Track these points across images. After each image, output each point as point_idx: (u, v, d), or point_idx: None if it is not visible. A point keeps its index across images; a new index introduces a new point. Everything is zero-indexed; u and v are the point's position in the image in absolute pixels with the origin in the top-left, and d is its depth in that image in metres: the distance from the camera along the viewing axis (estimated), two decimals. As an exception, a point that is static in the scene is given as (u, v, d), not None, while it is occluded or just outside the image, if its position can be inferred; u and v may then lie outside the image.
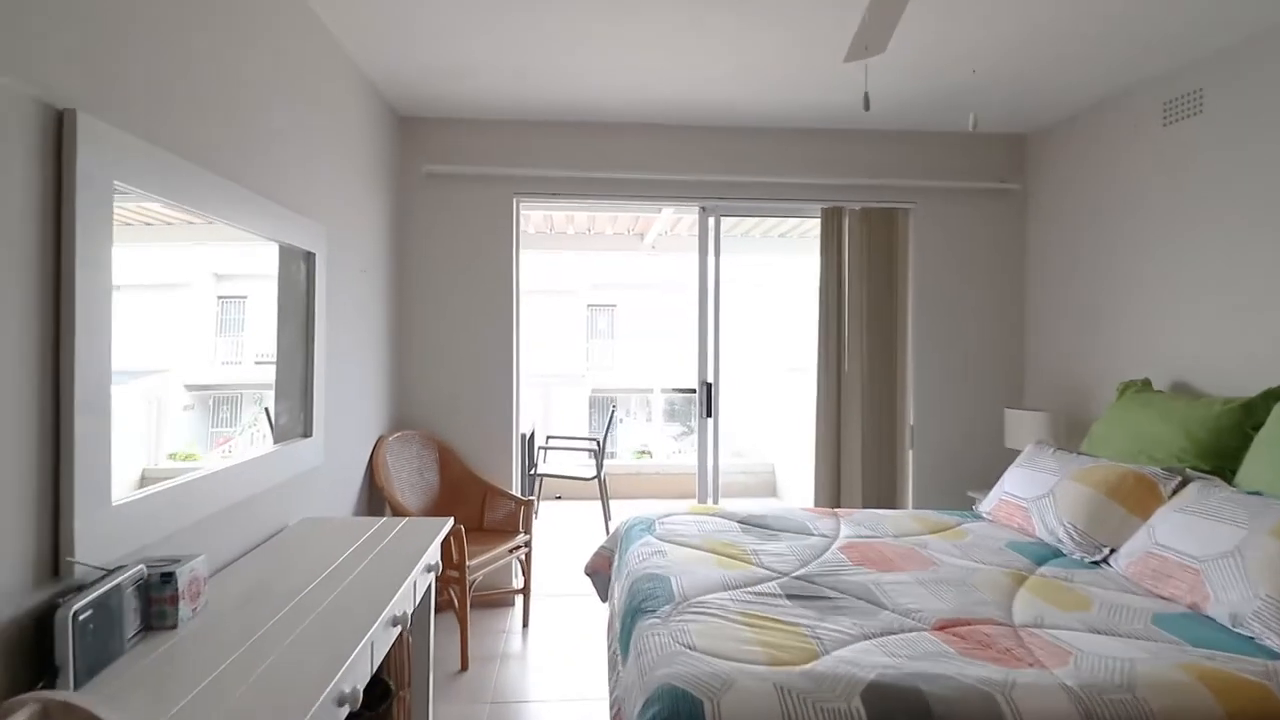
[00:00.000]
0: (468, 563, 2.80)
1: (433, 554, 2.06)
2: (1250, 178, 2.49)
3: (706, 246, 3.71)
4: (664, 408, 13.56)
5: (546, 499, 5.82)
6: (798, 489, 5.79)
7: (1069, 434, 3.31)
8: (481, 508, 3.34)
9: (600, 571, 2.71)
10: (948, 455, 3.69)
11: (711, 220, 3.71)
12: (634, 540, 2.42)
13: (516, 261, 3.60)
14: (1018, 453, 3.55)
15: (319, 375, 2.33)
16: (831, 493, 3.63)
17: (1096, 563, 2.19)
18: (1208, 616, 1.75)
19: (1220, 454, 2.25)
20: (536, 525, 5.03)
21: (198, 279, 1.87)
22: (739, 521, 2.60)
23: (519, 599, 3.36)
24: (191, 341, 1.84)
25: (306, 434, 2.28)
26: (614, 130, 3.56)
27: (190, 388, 1.79)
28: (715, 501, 3.74)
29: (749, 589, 1.93)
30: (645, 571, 2.05)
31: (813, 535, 2.47)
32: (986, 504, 2.78)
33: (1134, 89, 3.00)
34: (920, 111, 3.40)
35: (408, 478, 3.17)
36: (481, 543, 3.08)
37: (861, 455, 3.61)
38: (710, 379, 3.70)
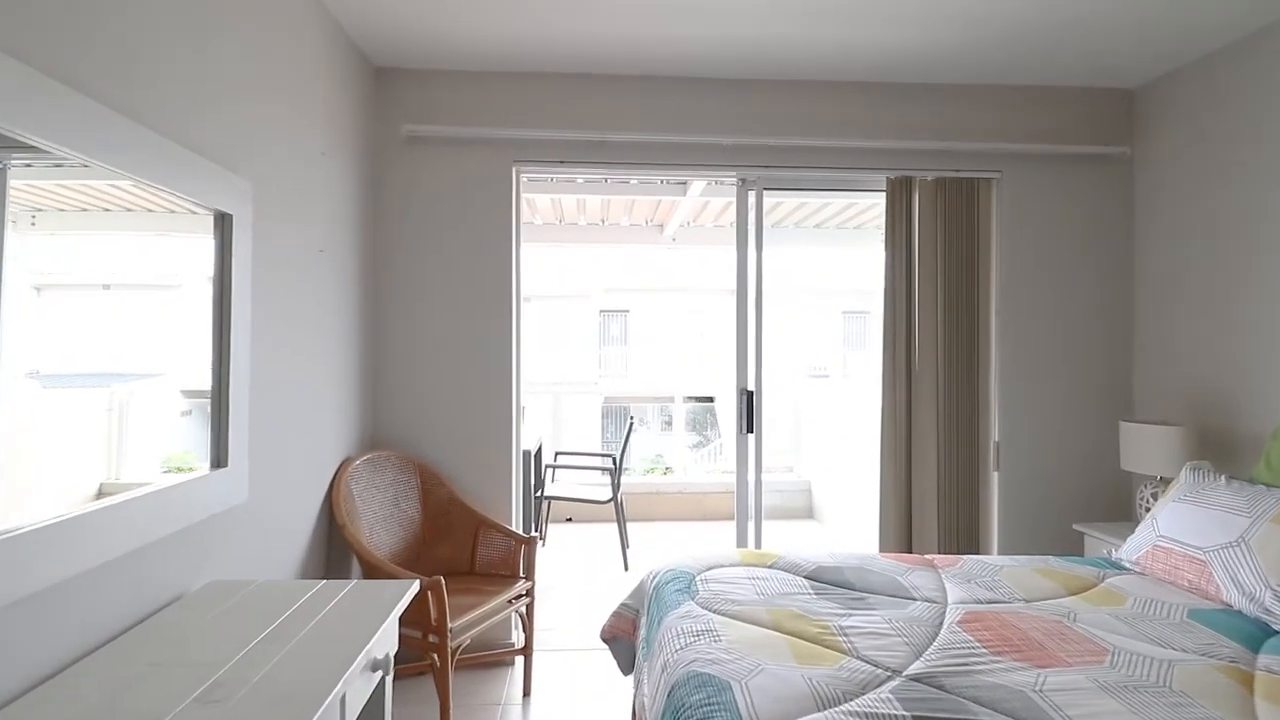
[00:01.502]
0: (450, 624, 2.16)
1: (385, 642, 1.42)
2: None
3: (746, 228, 3.07)
4: (684, 417, 12.93)
5: (555, 522, 5.18)
6: (840, 512, 5.12)
7: (1213, 454, 2.63)
8: (473, 545, 2.70)
9: (621, 638, 2.07)
10: (1043, 479, 3.02)
11: (752, 196, 3.07)
12: (670, 607, 1.77)
13: (517, 244, 2.97)
14: (1139, 477, 2.88)
15: (238, 384, 1.71)
16: (902, 527, 2.96)
17: (1338, 649, 1.53)
18: None
19: None
20: (543, 555, 4.40)
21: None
22: (807, 577, 1.95)
23: (519, 659, 2.71)
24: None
25: (218, 463, 1.66)
26: (634, 84, 2.93)
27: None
28: (759, 532, 3.09)
29: (854, 706, 1.27)
30: (692, 670, 1.40)
31: (914, 600, 1.82)
32: (1131, 549, 2.11)
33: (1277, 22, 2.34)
34: (1004, 60, 2.74)
35: (379, 511, 2.54)
36: (472, 591, 2.45)
37: (937, 479, 2.94)
38: (752, 386, 3.05)
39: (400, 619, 2.14)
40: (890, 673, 1.41)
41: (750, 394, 3.05)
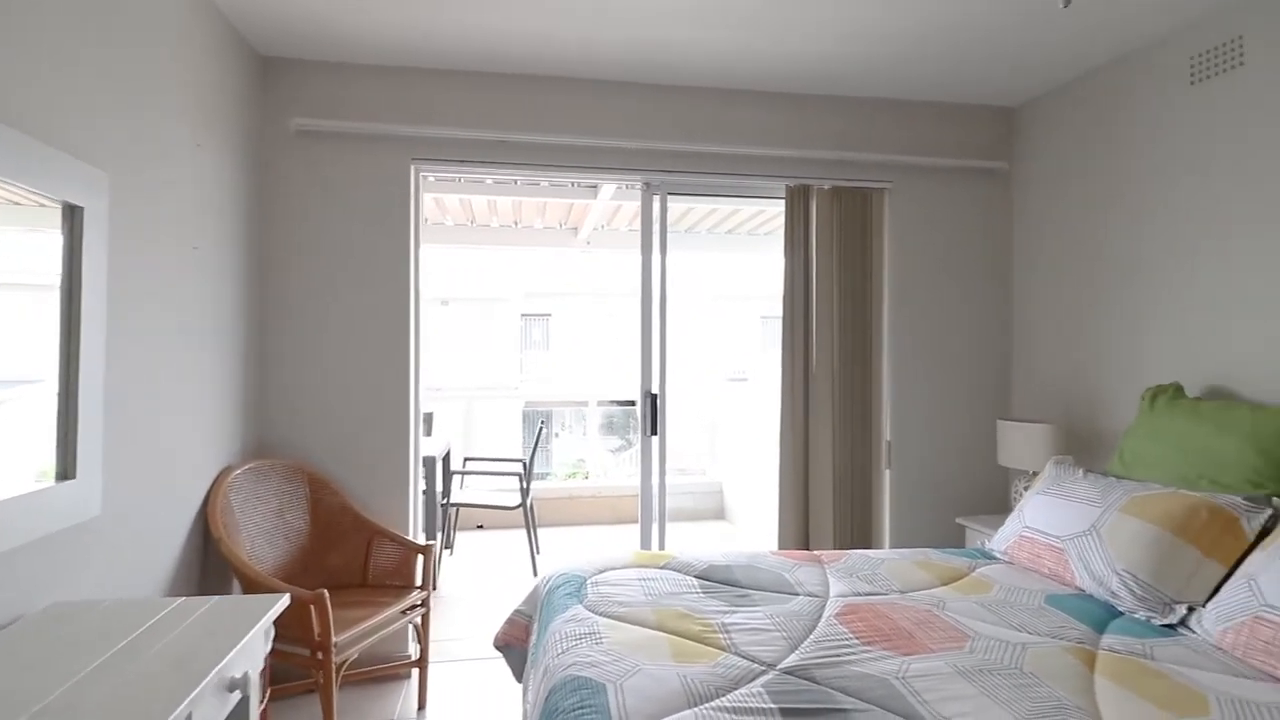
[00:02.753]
0: (335, 638, 2.07)
1: (245, 660, 1.35)
2: (1312, 137, 2.04)
3: (651, 232, 3.10)
4: (601, 421, 12.92)
5: (466, 529, 5.07)
6: (749, 513, 5.22)
7: (1078, 449, 2.83)
8: (366, 555, 2.60)
9: (514, 645, 2.04)
10: (931, 475, 3.17)
11: (656, 200, 3.10)
12: (557, 611, 1.76)
13: (416, 244, 2.89)
14: (1013, 472, 3.07)
15: (89, 389, 1.59)
16: (799, 524, 3.04)
17: (1171, 626, 1.66)
18: (1381, 722, 1.22)
19: (1312, 478, 1.76)
20: (451, 564, 4.30)
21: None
22: (698, 576, 1.97)
23: (416, 672, 2.63)
24: None
25: (65, 475, 1.53)
26: (538, 84, 2.91)
27: None
28: (663, 534, 3.11)
29: (725, 701, 1.29)
30: (570, 674, 1.39)
31: (797, 595, 1.87)
32: (1000, 540, 2.24)
33: (1151, 44, 2.56)
34: (897, 74, 2.88)
35: (261, 522, 2.42)
36: (362, 603, 2.36)
37: (833, 478, 3.04)
38: (656, 390, 3.08)
39: (281, 635, 2.06)
40: (765, 667, 1.44)
41: (654, 397, 3.07)
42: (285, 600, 1.53)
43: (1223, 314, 2.28)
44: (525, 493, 4.04)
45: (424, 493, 3.72)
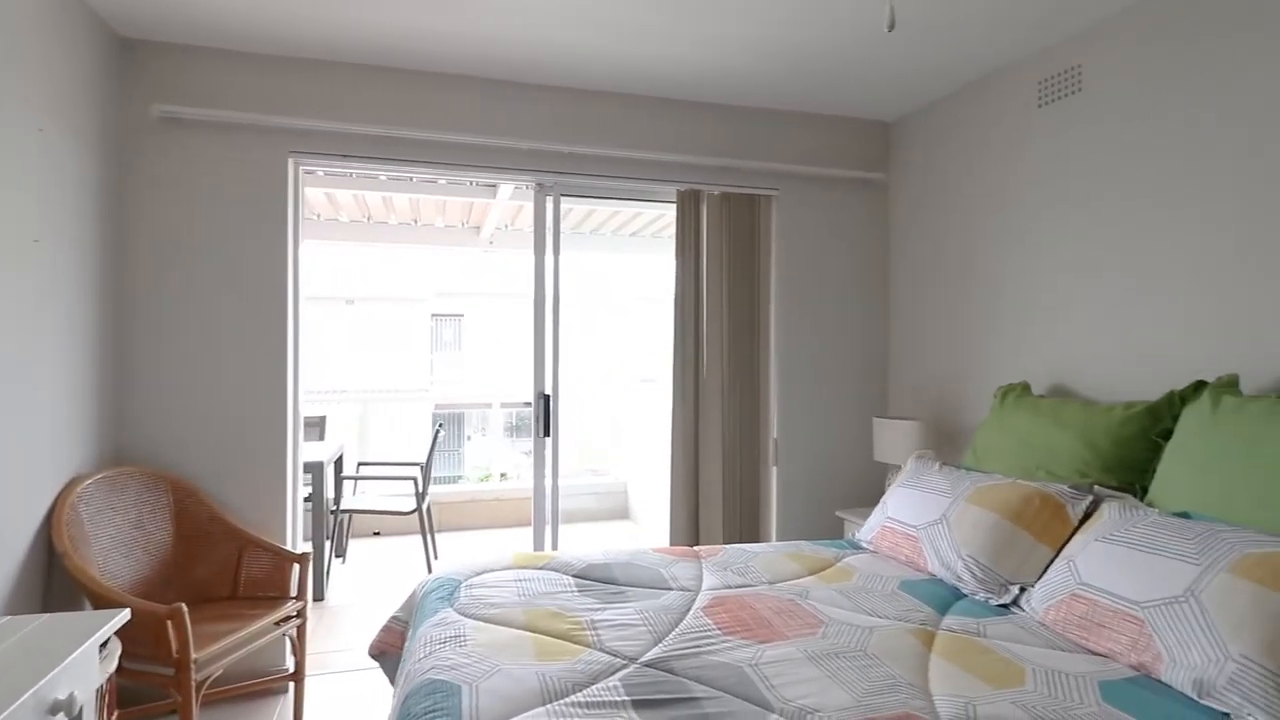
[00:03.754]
0: (195, 655, 1.97)
1: (72, 680, 1.26)
2: (1132, 161, 2.26)
3: (544, 233, 3.10)
4: (509, 423, 12.76)
5: (361, 536, 4.90)
6: (654, 512, 5.29)
7: (943, 445, 3.02)
8: (237, 566, 2.48)
9: (390, 652, 1.99)
10: (814, 472, 3.31)
11: (550, 201, 3.10)
12: (427, 615, 1.74)
13: (295, 241, 2.78)
14: (888, 467, 3.24)
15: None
16: (690, 521, 3.12)
17: (1005, 605, 1.80)
18: (1163, 683, 1.37)
19: (1127, 466, 1.95)
20: (343, 572, 4.15)
21: None
22: (576, 575, 1.99)
23: (293, 686, 2.53)
24: None
25: None
26: (427, 80, 2.86)
27: None
28: (556, 535, 3.11)
29: (581, 697, 1.31)
30: (427, 678, 1.38)
31: (670, 590, 1.91)
32: (866, 531, 2.37)
33: (1005, 69, 2.77)
34: (783, 87, 3.00)
35: (117, 534, 2.26)
36: (229, 617, 2.25)
37: (722, 476, 3.13)
38: (549, 390, 3.08)
39: (135, 653, 1.94)
40: (627, 661, 1.48)
41: (547, 398, 3.07)
42: (125, 615, 1.45)
43: (1064, 319, 2.50)
44: (421, 497, 3.95)
45: (307, 500, 3.58)
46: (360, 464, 4.35)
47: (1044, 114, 2.59)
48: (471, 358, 13.90)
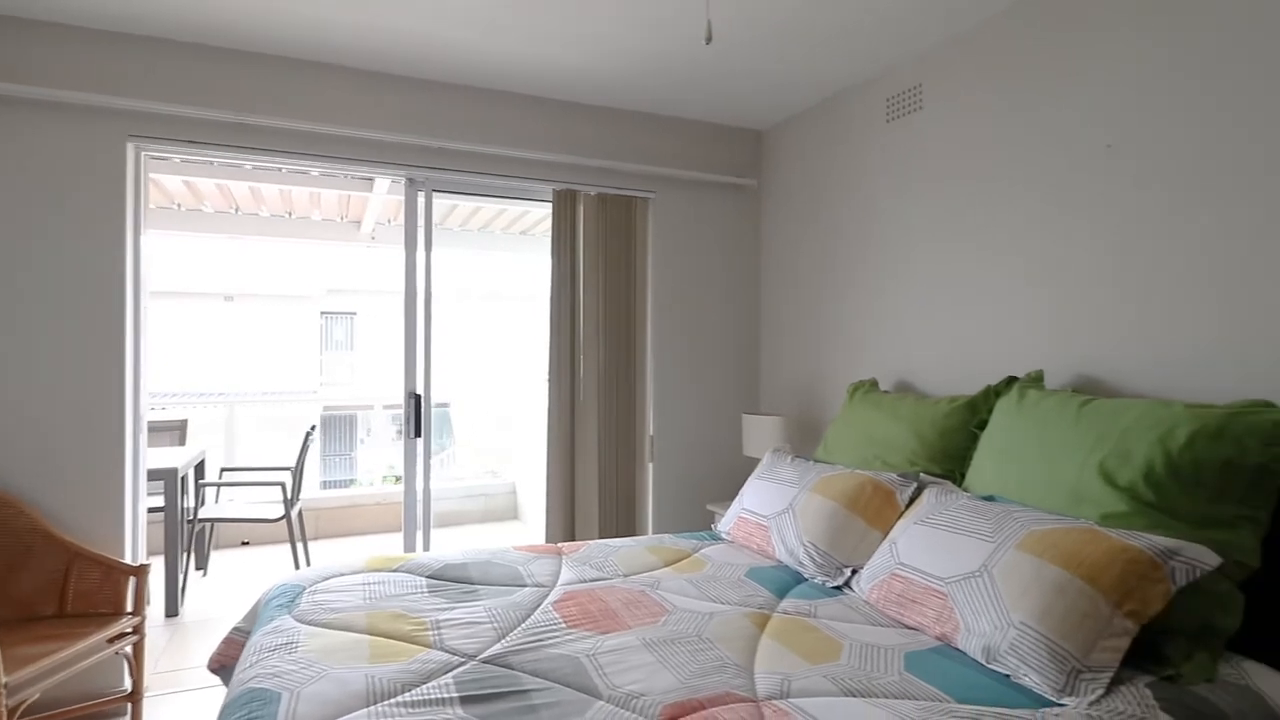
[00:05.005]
0: (5, 679, 1.81)
1: None
2: (962, 177, 2.47)
3: (415, 229, 3.04)
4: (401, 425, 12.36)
5: (228, 547, 4.63)
6: (542, 511, 5.28)
7: (805, 439, 3.18)
8: (64, 581, 2.30)
9: (230, 665, 1.89)
10: (687, 467, 3.41)
11: (421, 197, 3.04)
12: (262, 624, 1.68)
13: (136, 232, 2.60)
14: (756, 461, 3.38)
15: None
16: (566, 518, 3.14)
17: (839, 587, 1.93)
18: (959, 650, 1.50)
19: (950, 455, 2.13)
20: (202, 585, 3.91)
21: None
22: (431, 576, 1.97)
23: (130, 707, 2.36)
24: None
25: None
26: (286, 66, 2.73)
27: None
28: (427, 538, 3.05)
29: (409, 696, 1.30)
30: (248, 688, 1.33)
31: (525, 586, 1.92)
32: (725, 522, 2.46)
33: (860, 85, 2.94)
34: (658, 92, 3.07)
35: (-88, 552, 2.05)
36: (53, 636, 2.09)
37: (599, 473, 3.17)
38: (420, 390, 3.01)
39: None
40: (466, 659, 1.48)
41: (418, 398, 3.01)
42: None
43: (908, 321, 2.69)
44: (290, 504, 3.77)
45: (159, 509, 3.36)
46: (223, 470, 4.10)
47: (891, 129, 2.78)
48: (365, 358, 13.37)
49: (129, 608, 2.31)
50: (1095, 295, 2.03)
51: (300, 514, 3.99)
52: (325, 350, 13.80)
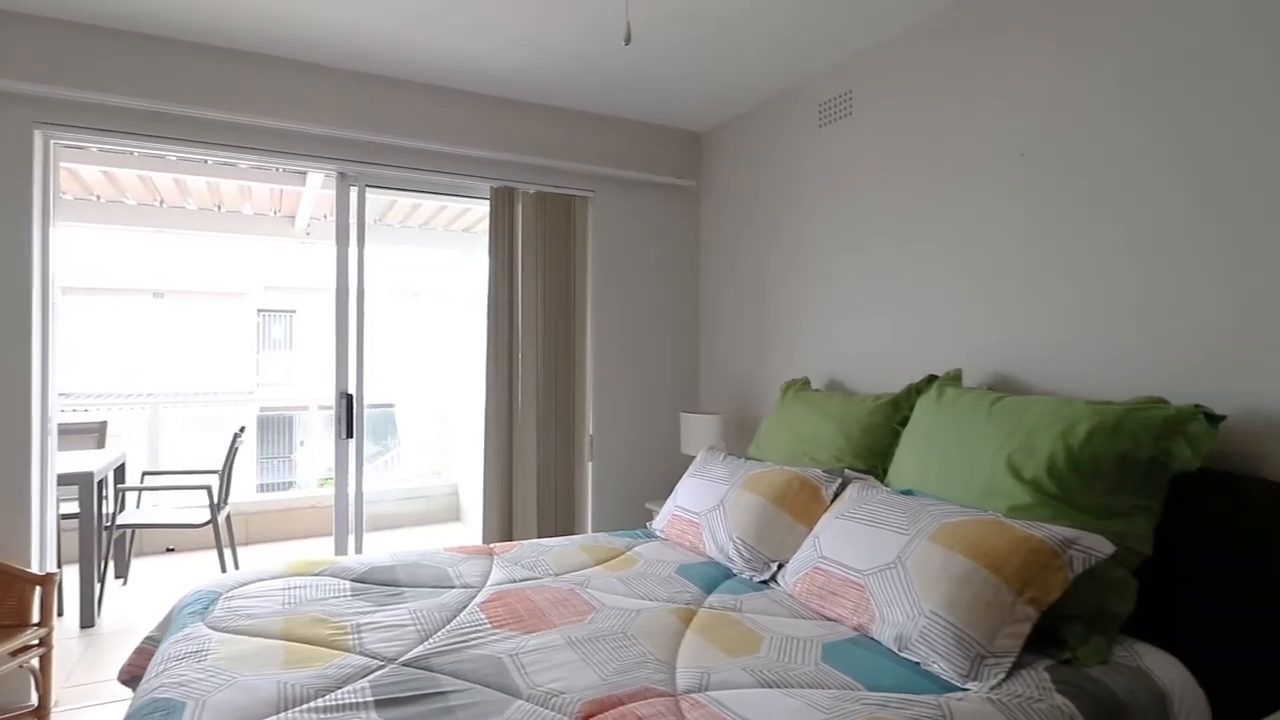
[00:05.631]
0: (-112, 698, 1.70)
1: None
2: (893, 180, 2.54)
3: (347, 224, 2.97)
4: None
5: (153, 554, 4.44)
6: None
7: (743, 436, 3.23)
8: (-39, 594, 2.17)
9: (142, 676, 1.82)
10: (627, 466, 3.42)
11: (354, 192, 2.98)
12: (173, 632, 1.62)
13: (43, 226, 2.47)
14: (693, 459, 3.41)
15: None
16: (504, 518, 3.11)
17: (765, 582, 1.96)
18: (874, 640, 1.55)
19: (874, 452, 2.19)
20: (121, 595, 3.74)
21: None
22: (355, 580, 1.93)
23: (35, 723, 2.25)
24: None
25: None
26: (212, 55, 2.64)
27: None
28: (360, 542, 2.99)
29: (322, 702, 1.28)
30: (151, 698, 1.29)
31: (453, 588, 1.90)
32: (659, 520, 2.48)
33: (794, 90, 3.00)
34: (597, 91, 3.07)
35: None
36: (-54, 653, 1.96)
37: (538, 473, 3.15)
38: (352, 390, 2.95)
39: None
40: (385, 662, 1.45)
41: (350, 397, 2.94)
42: None
43: (841, 321, 2.75)
44: (216, 508, 3.64)
45: (72, 515, 3.20)
46: (145, 474, 3.92)
47: (824, 133, 2.84)
48: (304, 357, 12.98)
49: (35, 619, 2.19)
50: (1008, 297, 2.12)
51: (229, 518, 3.85)
52: (263, 349, 13.37)
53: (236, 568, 3.88)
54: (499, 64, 2.80)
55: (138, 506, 3.90)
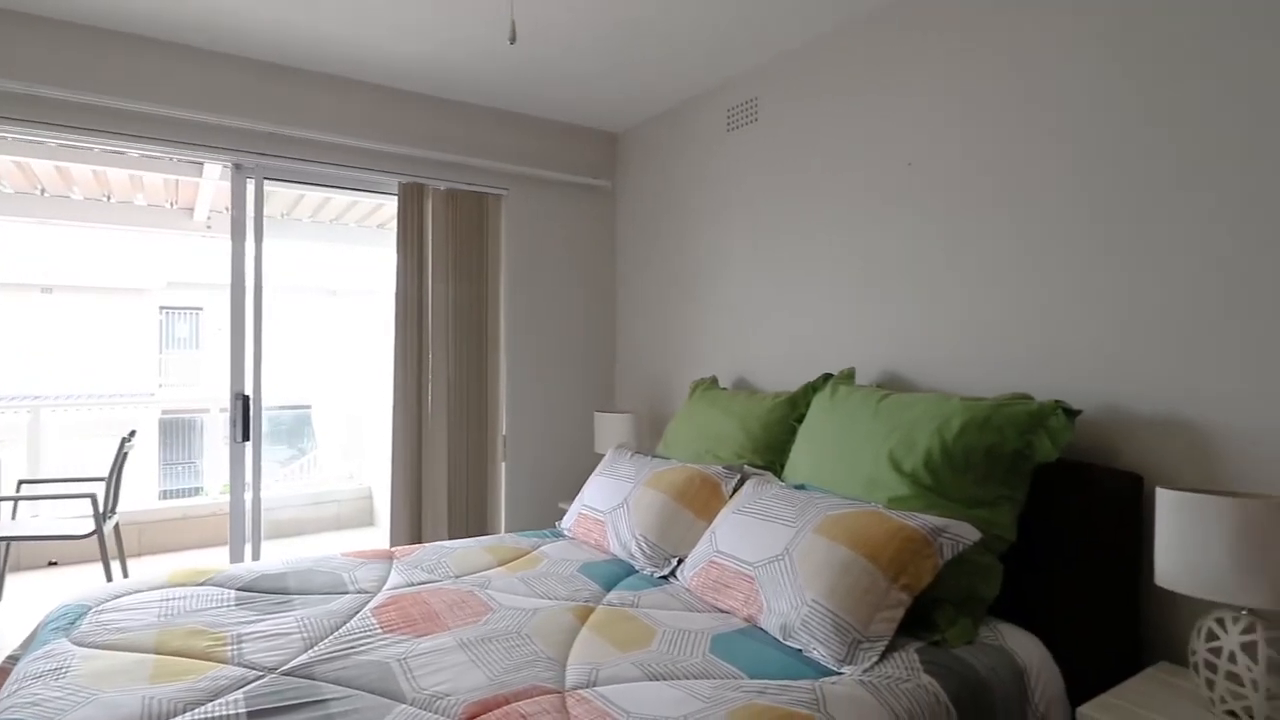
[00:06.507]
0: None
1: None
2: (795, 185, 2.62)
3: (244, 218, 2.85)
4: (265, 428, 11.53)
5: (33, 568, 4.13)
6: (401, 513, 5.09)
7: (655, 435, 3.27)
8: None
9: None
10: (541, 465, 3.41)
11: (251, 184, 2.85)
12: (34, 649, 1.52)
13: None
14: (609, 457, 3.43)
15: None
16: (413, 520, 3.05)
17: (665, 577, 2.00)
18: (762, 630, 1.60)
19: (772, 448, 2.26)
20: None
21: None
22: (241, 589, 1.85)
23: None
24: None
25: None
26: (91, 37, 2.48)
27: None
28: (257, 550, 2.87)
29: (190, 716, 1.22)
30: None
31: (346, 593, 1.85)
32: (567, 519, 2.49)
33: (705, 95, 3.06)
34: (509, 88, 3.05)
35: None
36: None
37: (448, 474, 3.10)
38: (249, 391, 2.83)
39: None
40: (264, 672, 1.40)
41: (246, 399, 2.82)
42: None
43: (748, 321, 2.82)
44: (103, 517, 3.42)
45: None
46: (21, 482, 3.65)
47: (732, 138, 2.91)
48: (212, 356, 12.33)
49: (-122, 643, 2.01)
50: (897, 298, 2.23)
51: (117, 528, 3.63)
52: (166, 348, 12.65)
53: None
54: (399, 56, 2.74)
55: (13, 518, 3.62)
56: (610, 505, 2.28)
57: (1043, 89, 1.87)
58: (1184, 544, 1.33)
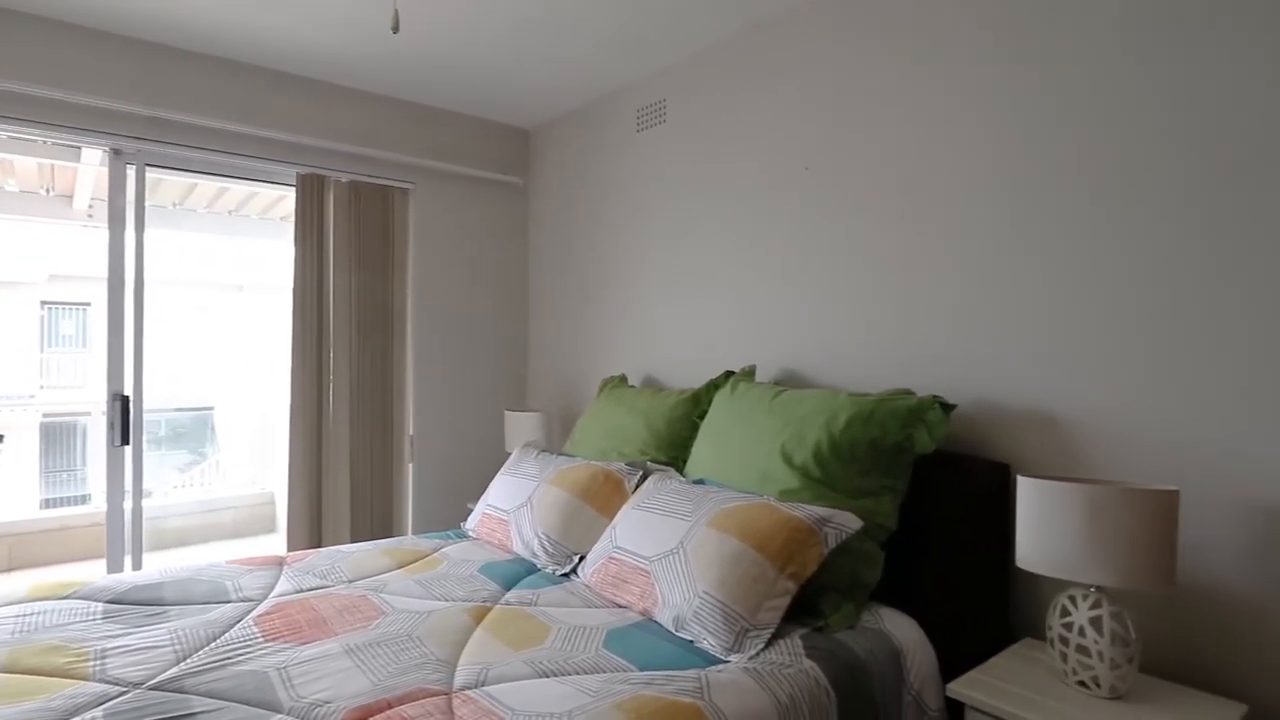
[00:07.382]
0: None
1: None
2: (700, 187, 2.67)
3: (123, 207, 2.67)
4: (157, 433, 10.84)
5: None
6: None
7: (565, 434, 3.27)
8: None
9: None
10: (450, 465, 3.35)
11: (132, 172, 2.68)
12: None
13: None
14: (520, 456, 3.40)
15: None
16: (312, 523, 2.94)
17: (566, 575, 2.00)
18: (657, 623, 1.63)
19: (675, 444, 2.30)
20: None
21: None
22: (111, 601, 1.74)
23: None
24: None
25: None
26: (-68, 5, 2.27)
27: None
28: (137, 562, 2.70)
29: (35, 737, 1.14)
30: None
31: (228, 602, 1.77)
32: (472, 520, 2.46)
33: (615, 94, 3.07)
34: (412, 80, 2.97)
35: None
36: None
37: (351, 476, 3.01)
38: (128, 392, 2.66)
39: None
40: (128, 688, 1.33)
41: (125, 400, 2.65)
42: None
43: (657, 320, 2.85)
44: (-38, 529, 3.14)
45: None
46: None
47: (642, 138, 2.94)
48: (101, 356, 11.49)
49: None
50: (794, 299, 2.30)
51: (-21, 542, 3.33)
52: (49, 347, 11.73)
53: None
54: (292, 41, 2.63)
55: None
56: (514, 504, 2.26)
57: (921, 107, 1.97)
58: (1040, 528, 1.43)
